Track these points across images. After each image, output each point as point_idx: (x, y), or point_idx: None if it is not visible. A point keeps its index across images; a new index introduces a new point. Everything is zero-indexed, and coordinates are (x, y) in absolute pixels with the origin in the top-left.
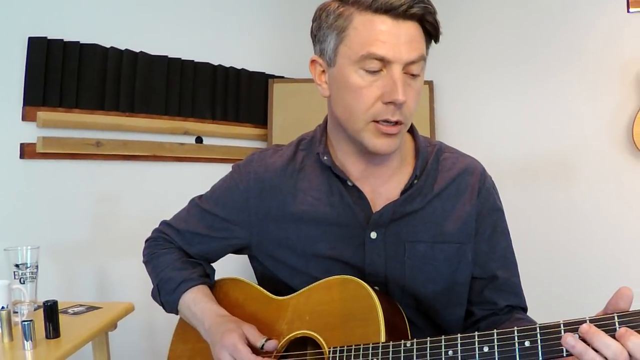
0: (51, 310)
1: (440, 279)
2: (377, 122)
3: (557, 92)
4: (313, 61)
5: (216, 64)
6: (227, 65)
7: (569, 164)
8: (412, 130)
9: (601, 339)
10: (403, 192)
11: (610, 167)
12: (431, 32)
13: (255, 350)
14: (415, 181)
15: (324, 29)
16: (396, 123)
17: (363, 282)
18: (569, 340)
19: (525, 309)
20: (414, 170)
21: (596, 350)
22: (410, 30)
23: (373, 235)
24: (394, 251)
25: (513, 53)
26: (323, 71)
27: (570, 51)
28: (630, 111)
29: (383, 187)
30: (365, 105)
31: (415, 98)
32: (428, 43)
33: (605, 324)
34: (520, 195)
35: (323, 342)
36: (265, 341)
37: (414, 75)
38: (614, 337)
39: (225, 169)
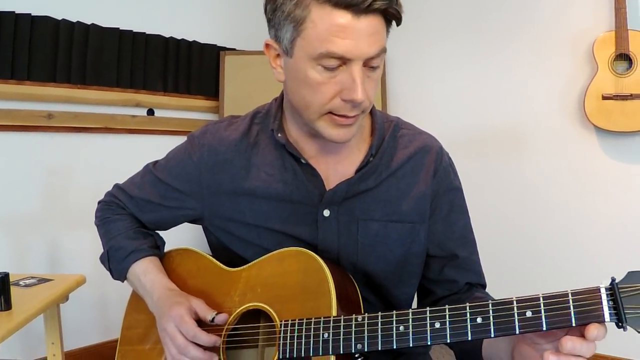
0: (3, 283)
1: (392, 258)
2: (333, 114)
3: (509, 64)
4: (267, 45)
5: (168, 36)
6: (179, 37)
7: (521, 136)
8: None
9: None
10: (358, 170)
11: (562, 139)
12: (393, 19)
13: (202, 325)
14: (371, 159)
15: (280, 16)
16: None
17: (315, 254)
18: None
19: (484, 286)
20: (370, 149)
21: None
22: (371, 24)
23: (326, 213)
24: (346, 229)
25: (464, 24)
26: (278, 55)
27: (522, 23)
28: (582, 84)
29: (338, 165)
30: (322, 101)
31: (375, 87)
32: (389, 28)
33: (558, 301)
34: (471, 167)
35: (275, 315)
36: (216, 315)
37: (373, 67)
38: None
39: (176, 141)
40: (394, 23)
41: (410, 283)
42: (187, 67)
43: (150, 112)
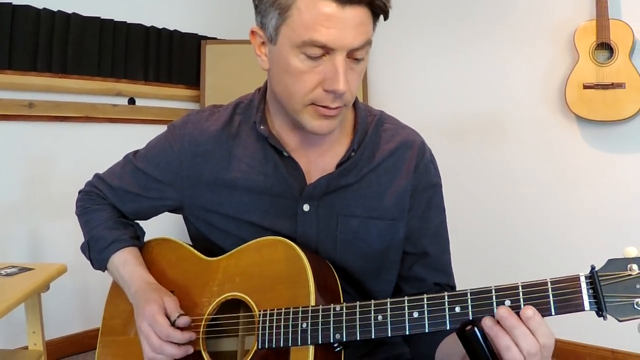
0: None
1: (371, 255)
2: (316, 105)
3: (490, 53)
4: (253, 32)
5: (149, 25)
6: (160, 26)
7: (502, 125)
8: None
9: (522, 330)
10: (339, 165)
11: (543, 128)
12: (380, 12)
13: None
14: (353, 154)
15: (266, 3)
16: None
17: (293, 243)
18: (487, 322)
19: (453, 288)
20: (352, 143)
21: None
22: (357, 15)
23: (306, 207)
24: (326, 224)
25: (445, 13)
26: (263, 42)
27: (503, 12)
28: (563, 73)
29: (320, 159)
30: (304, 90)
31: (358, 80)
32: (375, 22)
33: (537, 289)
34: (452, 156)
35: (253, 305)
36: (178, 316)
37: (357, 59)
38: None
39: (157, 130)
40: (381, 17)
41: (388, 279)
42: (168, 56)
43: (131, 101)
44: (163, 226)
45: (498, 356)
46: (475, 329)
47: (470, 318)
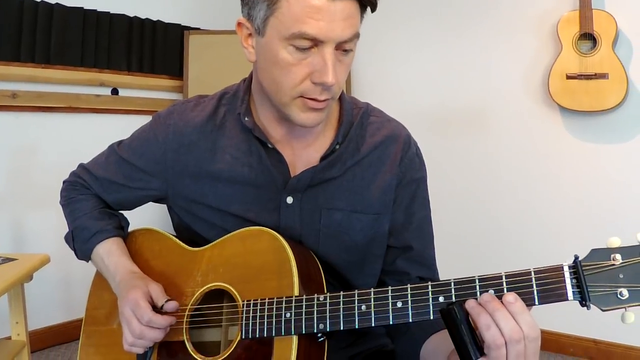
0: None
1: (354, 249)
2: (304, 97)
3: (473, 44)
4: (240, 24)
5: (132, 15)
6: (143, 16)
7: (485, 115)
8: None
9: (503, 312)
10: (323, 158)
11: (527, 119)
12: (368, 5)
13: (159, 309)
14: (337, 147)
15: None
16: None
17: (277, 234)
18: (470, 302)
19: None
20: (336, 136)
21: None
22: (346, 7)
23: (289, 200)
24: (309, 217)
25: (428, 4)
26: (250, 34)
27: (486, 2)
28: (546, 63)
29: (304, 152)
30: (293, 83)
31: (346, 72)
32: (363, 14)
33: (521, 279)
34: (436, 146)
35: (237, 295)
36: (166, 302)
37: (346, 51)
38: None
39: (141, 121)
40: (368, 9)
41: (372, 273)
42: (151, 46)
43: (115, 91)
44: (147, 216)
45: (479, 337)
46: (457, 306)
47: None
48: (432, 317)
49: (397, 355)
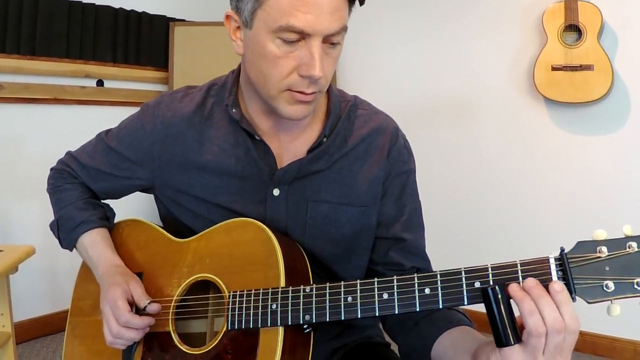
0: None
1: (341, 241)
2: (291, 90)
3: (458, 35)
4: (228, 16)
5: (117, 6)
6: (128, 8)
7: (471, 107)
8: None
9: (547, 300)
10: (310, 151)
11: (512, 110)
12: None
13: (142, 310)
14: (324, 139)
15: None
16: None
17: (263, 225)
18: (513, 286)
19: None
20: (323, 129)
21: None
22: (333, 0)
23: (276, 192)
24: (295, 210)
25: None
26: (238, 27)
27: None
28: (531, 55)
29: (291, 144)
30: (280, 75)
31: (333, 66)
32: (351, 7)
33: (507, 271)
34: (422, 138)
35: (223, 286)
36: (149, 303)
37: (333, 44)
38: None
39: (126, 112)
40: (357, 3)
41: (358, 265)
42: (137, 38)
43: (100, 82)
44: (134, 207)
45: (520, 324)
46: (500, 287)
47: (440, 299)
48: (418, 309)
49: (402, 353)
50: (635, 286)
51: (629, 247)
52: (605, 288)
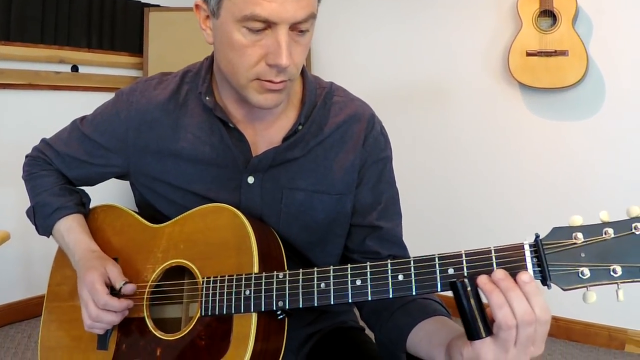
0: None
1: (315, 229)
2: (260, 79)
3: (433, 20)
4: (197, 5)
5: None
6: None
7: (446, 92)
8: (302, 71)
9: (517, 292)
10: (286, 139)
11: (487, 96)
12: None
13: (117, 291)
14: (300, 127)
15: None
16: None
17: (237, 210)
18: (482, 278)
19: None
20: (299, 117)
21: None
22: None
23: (250, 179)
24: (270, 197)
25: None
26: (208, 16)
27: None
28: (506, 40)
29: (266, 132)
30: (248, 65)
31: (303, 54)
32: None
33: (481, 258)
34: (397, 123)
35: (197, 272)
36: (124, 284)
37: (302, 31)
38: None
39: (101, 98)
40: None
41: (333, 253)
42: (112, 23)
43: (75, 68)
44: (109, 192)
45: (490, 316)
46: (469, 280)
47: (413, 286)
48: (391, 296)
49: (378, 343)
50: (611, 273)
51: (605, 233)
52: (580, 275)
